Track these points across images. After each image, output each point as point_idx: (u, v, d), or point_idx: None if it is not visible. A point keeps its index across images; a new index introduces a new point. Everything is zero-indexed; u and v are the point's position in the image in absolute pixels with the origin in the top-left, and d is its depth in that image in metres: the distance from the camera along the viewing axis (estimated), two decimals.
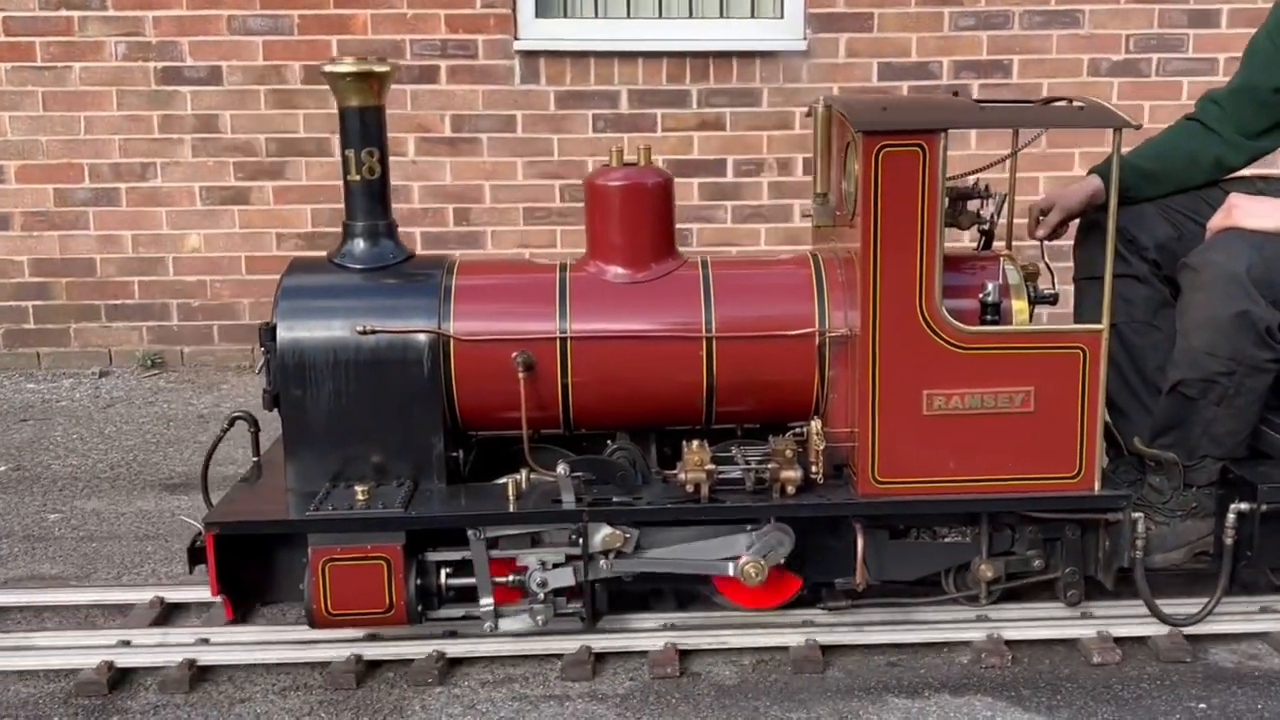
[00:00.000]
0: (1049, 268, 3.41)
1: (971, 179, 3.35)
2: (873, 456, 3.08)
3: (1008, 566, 3.26)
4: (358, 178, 3.28)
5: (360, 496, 3.09)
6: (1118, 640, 3.28)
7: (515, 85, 6.08)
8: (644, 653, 3.23)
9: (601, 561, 3.12)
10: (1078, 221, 3.68)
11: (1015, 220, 3.65)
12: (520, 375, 3.18)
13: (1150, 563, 3.25)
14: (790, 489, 3.11)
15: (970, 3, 6.07)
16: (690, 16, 6.20)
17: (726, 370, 3.24)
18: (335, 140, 5.93)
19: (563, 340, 3.22)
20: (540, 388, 3.23)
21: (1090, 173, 3.68)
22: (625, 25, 6.15)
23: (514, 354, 3.19)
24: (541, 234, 6.22)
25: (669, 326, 3.24)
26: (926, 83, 6.10)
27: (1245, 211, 3.32)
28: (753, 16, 6.20)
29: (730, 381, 3.26)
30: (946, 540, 3.26)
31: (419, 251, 3.62)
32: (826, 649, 3.24)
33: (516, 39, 6.03)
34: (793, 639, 3.25)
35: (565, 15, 6.16)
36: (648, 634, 3.29)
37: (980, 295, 3.15)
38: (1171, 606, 3.28)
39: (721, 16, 6.20)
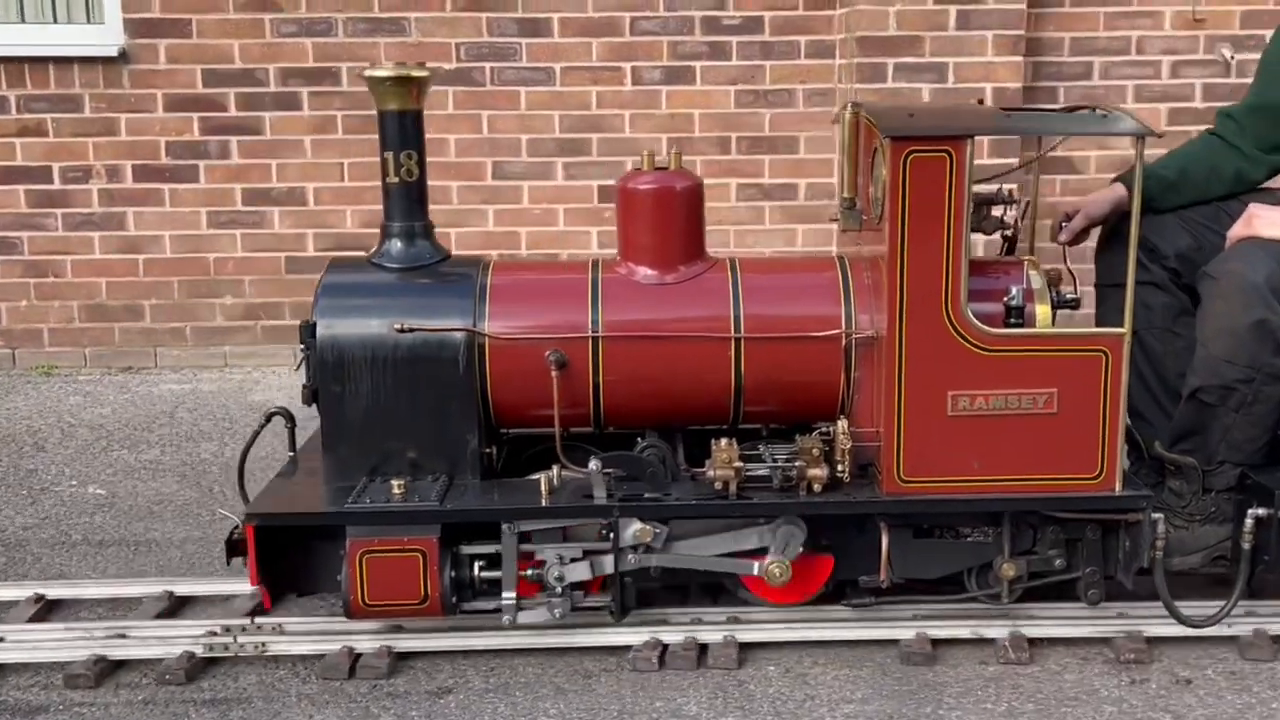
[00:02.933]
0: (1071, 273, 3.47)
1: (995, 185, 3.42)
2: (898, 456, 3.14)
3: (1029, 566, 3.32)
4: (396, 180, 3.36)
5: (397, 490, 3.16)
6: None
7: None
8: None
9: (631, 556, 3.19)
10: (1099, 228, 3.76)
11: (1038, 225, 3.71)
12: (554, 373, 3.25)
13: (1168, 566, 3.30)
14: (817, 487, 3.17)
15: (291, 9, 6.08)
16: (23, 21, 6.20)
17: (755, 370, 3.32)
18: None
19: (595, 340, 3.29)
20: (572, 386, 3.30)
21: (1115, 180, 3.74)
22: None
23: (547, 353, 3.26)
24: None
25: (699, 327, 3.31)
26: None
27: (1265, 221, 3.39)
28: (89, 21, 6.19)
29: (758, 381, 3.33)
30: (969, 540, 3.32)
31: None
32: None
33: None
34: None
35: None
36: None
37: (1004, 299, 3.21)
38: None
39: (55, 21, 6.20)
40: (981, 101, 3.50)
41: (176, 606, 3.57)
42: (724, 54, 6.17)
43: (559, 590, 3.17)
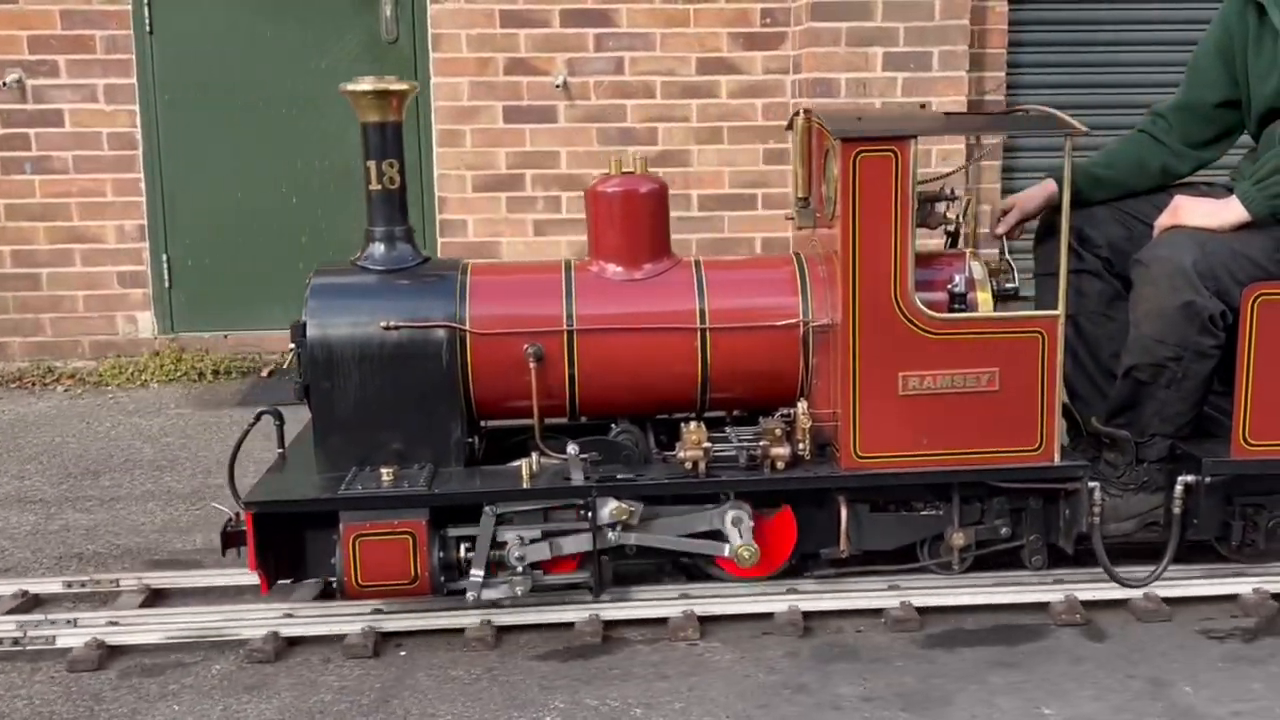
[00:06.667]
0: (1011, 264, 3.72)
1: (939, 183, 3.68)
2: (854, 434, 3.38)
3: (978, 535, 3.56)
4: (379, 187, 3.57)
5: (386, 478, 3.36)
6: None
7: None
8: None
9: (610, 534, 3.40)
10: (1035, 222, 4.02)
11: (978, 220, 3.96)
12: (532, 366, 3.47)
13: (1105, 532, 3.54)
14: (780, 465, 3.40)
15: None
16: None
17: (719, 359, 3.55)
18: None
19: (569, 334, 3.51)
20: (549, 378, 3.52)
21: (1047, 177, 4.01)
22: None
23: (526, 346, 3.48)
24: None
25: (666, 320, 3.54)
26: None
27: (1189, 211, 3.63)
28: None
29: (723, 369, 3.57)
30: (922, 512, 3.56)
31: None
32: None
33: None
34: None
35: None
36: None
37: (949, 287, 3.47)
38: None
39: None
40: (924, 106, 3.75)
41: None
42: None
43: (520, 570, 3.36)
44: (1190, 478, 3.54)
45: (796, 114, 3.71)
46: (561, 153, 6.39)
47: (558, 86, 6.28)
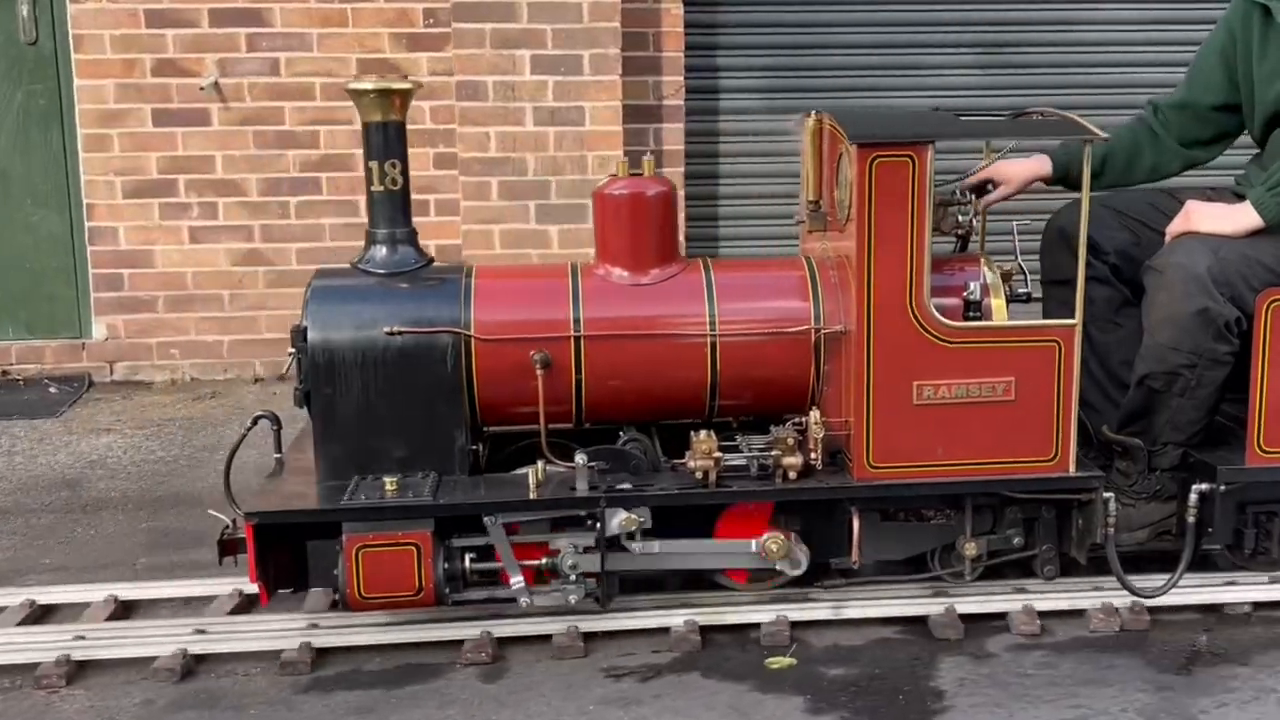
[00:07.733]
0: (1024, 267, 3.67)
1: (951, 187, 3.62)
2: (868, 443, 3.32)
3: (990, 545, 3.52)
4: (381, 188, 3.48)
5: (390, 487, 3.28)
6: None
7: None
8: None
9: (635, 546, 3.35)
10: (1040, 227, 3.96)
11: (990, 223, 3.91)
12: (538, 372, 3.40)
13: (1117, 542, 3.50)
14: (792, 474, 3.34)
15: None
16: None
17: (729, 365, 3.48)
18: None
19: (576, 339, 3.44)
20: (555, 384, 3.45)
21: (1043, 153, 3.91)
22: None
23: (532, 352, 3.40)
24: None
25: (675, 325, 3.48)
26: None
27: (1202, 216, 3.59)
28: None
29: (732, 376, 3.50)
30: (933, 522, 3.51)
31: None
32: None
33: None
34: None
35: None
36: None
37: (964, 294, 3.41)
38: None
39: None
40: (937, 109, 3.69)
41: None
42: None
43: (573, 578, 3.31)
44: (1205, 486, 3.50)
45: (807, 114, 3.64)
46: (217, 157, 6.10)
47: (203, 89, 6.02)
